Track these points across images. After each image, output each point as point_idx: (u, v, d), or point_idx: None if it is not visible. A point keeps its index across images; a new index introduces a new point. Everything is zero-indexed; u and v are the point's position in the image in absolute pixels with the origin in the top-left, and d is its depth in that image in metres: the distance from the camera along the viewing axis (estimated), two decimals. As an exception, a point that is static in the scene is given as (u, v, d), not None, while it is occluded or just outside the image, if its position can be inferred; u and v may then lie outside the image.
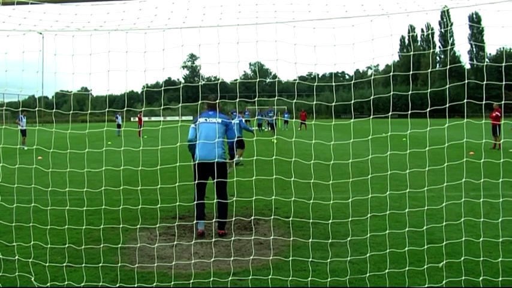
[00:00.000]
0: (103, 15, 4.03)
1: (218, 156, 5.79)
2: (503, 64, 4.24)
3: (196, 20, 4.05)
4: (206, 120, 6.20)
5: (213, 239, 5.26)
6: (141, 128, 27.94)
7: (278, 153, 4.74)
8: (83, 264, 4.49)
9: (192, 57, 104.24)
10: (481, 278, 3.98)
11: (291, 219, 4.90)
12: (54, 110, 4.81)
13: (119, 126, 33.32)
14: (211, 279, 4.16)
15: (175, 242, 5.26)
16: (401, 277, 4.14)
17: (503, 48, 61.36)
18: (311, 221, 4.97)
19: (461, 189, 5.07)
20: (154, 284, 4.14)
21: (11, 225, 4.88)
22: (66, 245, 4.75)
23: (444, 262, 4.25)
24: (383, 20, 4.06)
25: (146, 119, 35.26)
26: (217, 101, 6.28)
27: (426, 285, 3.99)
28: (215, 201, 5.61)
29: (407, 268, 4.12)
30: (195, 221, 5.95)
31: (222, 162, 5.92)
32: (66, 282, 4.23)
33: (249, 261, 4.55)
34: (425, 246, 4.37)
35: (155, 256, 4.85)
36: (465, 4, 4.13)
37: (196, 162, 5.88)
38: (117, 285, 4.21)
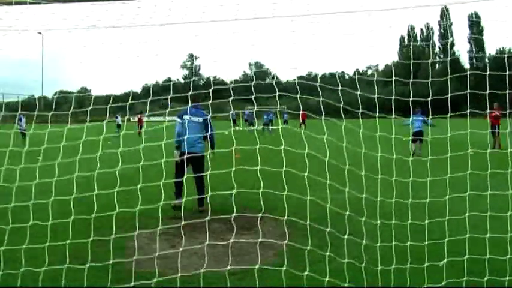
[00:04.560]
0: (102, 14, 4.02)
1: (199, 150, 7.41)
2: (506, 61, 4.23)
3: (196, 20, 4.04)
4: (191, 118, 7.65)
5: (213, 239, 5.25)
6: (142, 129, 28.01)
7: (278, 153, 4.73)
8: (82, 265, 4.48)
9: (192, 57, 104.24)
10: (486, 278, 3.98)
11: (288, 218, 4.86)
12: (51, 112, 4.79)
13: (118, 126, 33.31)
14: (212, 278, 4.15)
15: (175, 242, 5.25)
16: (403, 276, 4.13)
17: (502, 48, 61.34)
18: (309, 222, 4.95)
19: (462, 189, 5.06)
20: (154, 284, 4.13)
21: (11, 225, 4.86)
22: (66, 245, 4.73)
23: (445, 261, 4.24)
24: (382, 20, 4.05)
25: (146, 119, 35.35)
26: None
27: (426, 285, 3.98)
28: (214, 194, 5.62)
29: (408, 265, 4.11)
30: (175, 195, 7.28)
31: (201, 155, 7.48)
32: (65, 282, 4.22)
33: (248, 261, 4.54)
34: (426, 242, 4.36)
35: (155, 256, 4.83)
36: (464, 0, 4.12)
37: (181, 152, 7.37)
38: (117, 285, 4.20)
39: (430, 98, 4.65)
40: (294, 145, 4.77)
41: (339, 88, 4.61)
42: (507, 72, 4.34)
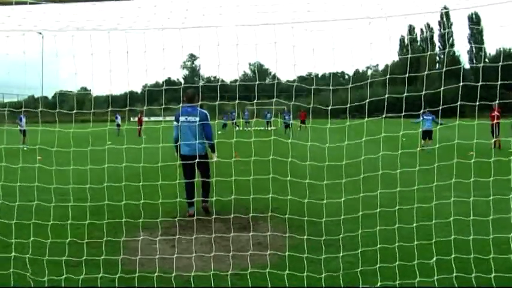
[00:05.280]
0: (102, 14, 4.03)
1: (199, 151, 6.89)
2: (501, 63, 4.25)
3: (196, 20, 4.05)
4: (186, 119, 7.16)
5: (213, 239, 5.25)
6: (141, 127, 28.13)
7: (276, 154, 4.75)
8: (83, 264, 4.48)
9: (192, 57, 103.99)
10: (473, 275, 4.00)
11: (287, 216, 4.87)
12: (56, 110, 4.80)
13: (118, 126, 33.32)
14: (212, 278, 4.16)
15: (175, 242, 5.25)
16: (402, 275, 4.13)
17: (502, 48, 61.33)
18: (308, 222, 4.97)
19: (464, 189, 5.06)
20: (154, 283, 4.13)
21: (12, 223, 4.87)
22: (66, 245, 4.74)
23: (434, 259, 4.27)
24: (382, 21, 4.06)
25: (146, 119, 35.37)
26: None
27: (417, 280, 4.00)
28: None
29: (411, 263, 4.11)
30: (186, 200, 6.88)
31: (203, 155, 7.07)
32: (65, 282, 4.22)
33: (248, 260, 4.55)
34: (415, 243, 4.37)
35: (155, 256, 4.84)
36: (464, 5, 4.13)
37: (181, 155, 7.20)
38: (117, 285, 4.21)
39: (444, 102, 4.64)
40: (294, 145, 4.80)
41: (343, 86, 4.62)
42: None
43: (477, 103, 4.44)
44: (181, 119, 7.25)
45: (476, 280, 4.02)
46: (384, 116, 4.52)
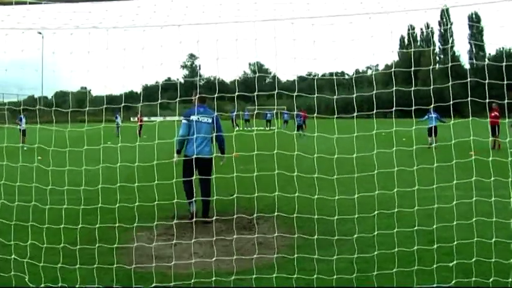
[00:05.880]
0: (102, 13, 4.02)
1: (207, 153, 6.83)
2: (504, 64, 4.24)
3: (195, 18, 4.03)
4: (199, 118, 6.89)
5: (214, 238, 5.24)
6: (141, 127, 28.11)
7: (279, 151, 4.73)
8: (82, 264, 4.46)
9: (192, 57, 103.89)
10: (473, 279, 3.98)
11: (294, 215, 4.83)
12: (52, 109, 4.79)
13: (117, 126, 33.27)
14: (213, 278, 4.14)
15: (174, 242, 5.24)
16: (408, 277, 4.10)
17: (502, 48, 61.29)
18: (309, 220, 4.95)
19: (464, 188, 5.04)
20: (154, 284, 4.12)
21: (10, 223, 4.86)
22: (65, 245, 4.73)
23: (455, 262, 4.21)
24: (382, 19, 4.05)
25: (146, 118, 35.32)
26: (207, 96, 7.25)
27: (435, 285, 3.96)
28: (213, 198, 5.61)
29: (415, 267, 4.08)
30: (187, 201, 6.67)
31: (210, 158, 6.89)
32: (64, 282, 4.21)
33: (250, 260, 4.52)
34: (435, 246, 4.32)
35: (154, 256, 4.83)
36: (464, 3, 4.12)
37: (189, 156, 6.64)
38: (116, 285, 4.20)
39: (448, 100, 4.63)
40: (293, 145, 4.78)
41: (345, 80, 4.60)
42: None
43: (487, 100, 4.41)
44: (193, 118, 6.90)
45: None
46: (393, 109, 4.52)
